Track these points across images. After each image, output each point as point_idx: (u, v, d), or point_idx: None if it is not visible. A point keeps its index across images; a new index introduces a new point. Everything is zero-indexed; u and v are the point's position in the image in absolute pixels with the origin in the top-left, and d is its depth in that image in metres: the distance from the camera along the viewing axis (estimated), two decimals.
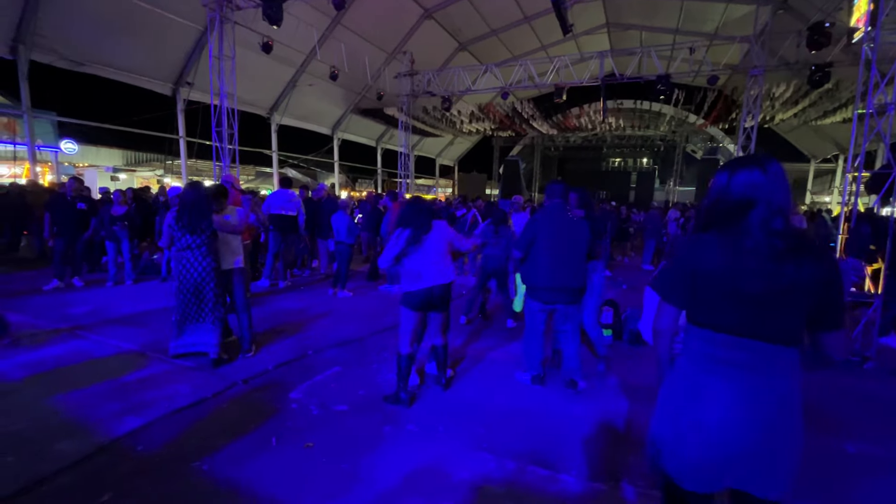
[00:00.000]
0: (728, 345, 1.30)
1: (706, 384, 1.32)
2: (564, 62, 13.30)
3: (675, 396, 1.39)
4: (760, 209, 1.28)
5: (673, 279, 1.44)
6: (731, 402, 1.28)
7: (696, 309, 1.38)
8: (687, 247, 1.43)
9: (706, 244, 1.35)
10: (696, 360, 1.37)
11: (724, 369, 1.31)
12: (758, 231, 1.27)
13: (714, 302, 1.32)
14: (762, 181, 1.30)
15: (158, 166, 21.39)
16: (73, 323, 4.74)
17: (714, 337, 1.33)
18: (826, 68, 10.07)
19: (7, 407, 2.98)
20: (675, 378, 1.41)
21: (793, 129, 18.71)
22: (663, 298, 1.45)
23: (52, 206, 6.26)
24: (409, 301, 3.17)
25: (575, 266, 3.32)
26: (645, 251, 10.01)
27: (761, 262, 1.26)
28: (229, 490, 2.22)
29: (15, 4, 9.15)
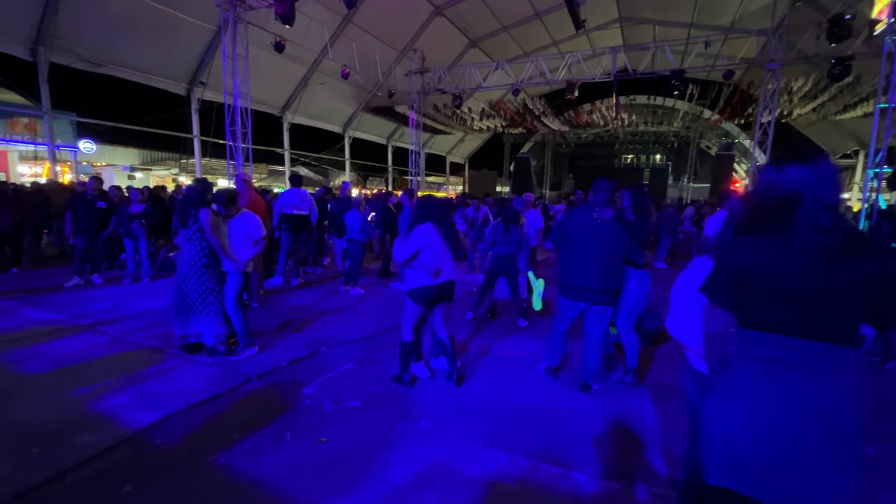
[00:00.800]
0: (781, 345, 1.27)
1: (761, 386, 1.29)
2: (576, 58, 13.19)
3: (730, 399, 1.35)
4: (809, 205, 1.25)
5: (720, 281, 1.40)
6: (786, 403, 1.25)
7: (746, 310, 1.34)
8: (732, 247, 1.39)
9: (752, 243, 1.32)
10: (750, 363, 1.33)
11: (778, 371, 1.28)
12: (806, 228, 1.24)
13: (764, 302, 1.29)
14: (810, 177, 1.27)
15: (173, 165, 21.76)
16: (93, 319, 4.85)
17: (766, 338, 1.30)
18: (846, 61, 9.83)
19: (32, 400, 3.07)
20: (729, 381, 1.37)
21: (811, 124, 18.29)
22: (712, 301, 1.42)
23: (73, 205, 6.41)
24: (419, 296, 3.24)
25: (604, 267, 3.15)
26: (659, 249, 9.88)
27: (811, 259, 1.23)
28: (246, 483, 2.26)
29: (35, 8, 9.38)
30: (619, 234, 3.15)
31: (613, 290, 3.26)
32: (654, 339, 4.53)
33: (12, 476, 2.26)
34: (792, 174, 1.29)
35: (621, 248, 3.17)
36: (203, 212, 3.76)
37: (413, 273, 3.26)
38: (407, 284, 3.31)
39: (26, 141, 14.03)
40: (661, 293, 2.72)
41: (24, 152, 14.81)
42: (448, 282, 3.32)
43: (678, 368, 3.92)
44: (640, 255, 3.24)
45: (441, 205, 3.33)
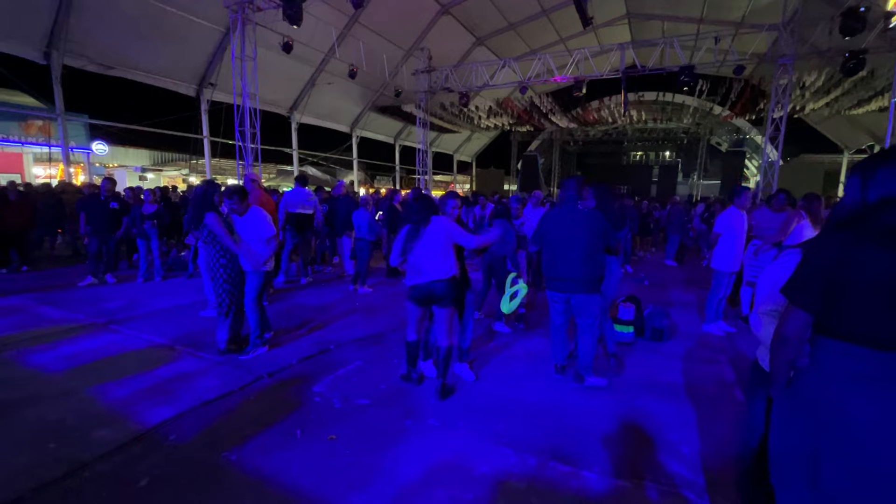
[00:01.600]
0: (877, 360, 1.13)
1: (851, 405, 1.14)
2: (584, 55, 13.11)
3: (808, 418, 1.21)
4: None
5: (807, 281, 1.24)
6: (886, 422, 1.10)
7: (836, 317, 1.19)
8: (828, 245, 1.23)
9: (855, 243, 1.17)
10: (834, 378, 1.19)
11: (870, 387, 1.13)
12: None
13: (863, 310, 1.14)
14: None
15: (184, 166, 21.97)
16: (107, 318, 4.94)
17: (856, 351, 1.15)
18: (861, 55, 9.67)
19: (49, 396, 3.14)
20: (805, 398, 1.23)
21: (824, 119, 18.00)
22: (793, 302, 1.26)
23: (87, 206, 6.53)
24: (411, 295, 3.30)
25: (576, 256, 3.31)
26: (668, 246, 9.81)
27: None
28: (257, 479, 2.30)
29: (48, 12, 9.53)
30: (597, 223, 3.32)
31: (594, 277, 3.35)
32: (663, 337, 4.52)
33: (31, 470, 2.32)
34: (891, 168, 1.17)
35: (599, 236, 3.32)
36: (209, 216, 3.80)
37: (407, 273, 3.34)
38: (405, 283, 3.39)
39: (40, 143, 14.27)
40: (671, 291, 2.71)
41: (39, 154, 15.07)
42: (438, 281, 3.17)
43: (686, 367, 3.92)
44: (615, 239, 3.43)
45: (419, 205, 3.27)
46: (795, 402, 1.26)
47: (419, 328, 3.42)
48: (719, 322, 4.85)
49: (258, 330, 3.97)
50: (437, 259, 3.19)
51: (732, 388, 3.54)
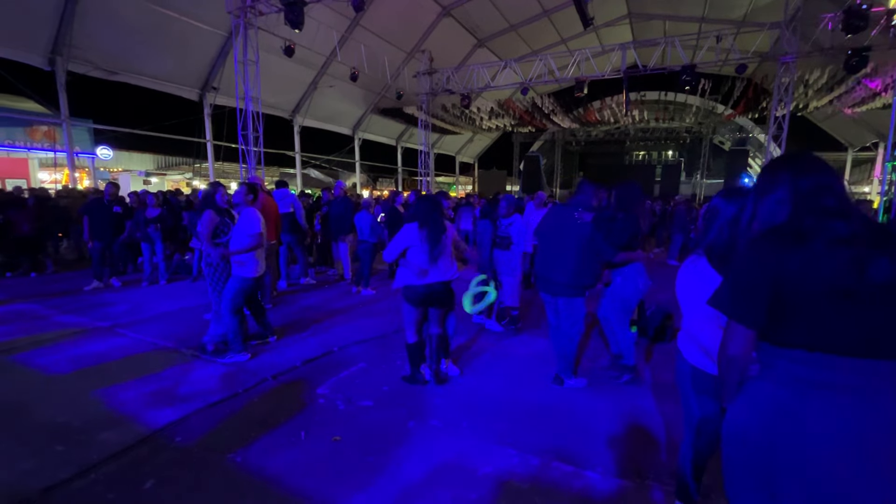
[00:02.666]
0: (830, 366, 1.08)
1: (807, 413, 1.10)
2: (585, 55, 13.11)
3: (763, 427, 1.17)
4: (834, 194, 1.15)
5: (746, 293, 1.17)
6: (844, 433, 1.06)
7: (783, 327, 1.14)
8: (760, 248, 1.17)
9: (788, 239, 1.12)
10: (786, 384, 1.14)
11: (827, 394, 1.09)
12: (847, 218, 1.10)
13: (812, 318, 1.09)
14: (831, 170, 1.20)
15: (187, 170, 22.12)
16: (112, 321, 4.98)
17: (809, 357, 1.10)
18: (863, 52, 9.62)
19: (56, 399, 3.17)
20: (759, 406, 1.19)
21: (828, 116, 17.93)
22: (732, 318, 1.20)
23: (90, 211, 6.58)
24: (408, 295, 3.28)
25: (563, 261, 3.29)
26: (671, 246, 9.78)
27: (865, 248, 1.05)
28: (262, 480, 2.31)
29: (52, 19, 9.63)
30: (591, 237, 3.23)
31: (581, 285, 3.32)
32: (664, 337, 4.51)
33: (39, 472, 2.34)
34: (811, 163, 1.21)
35: (592, 249, 3.25)
36: (206, 213, 3.89)
37: (402, 272, 3.30)
38: (397, 282, 3.35)
39: (46, 148, 14.40)
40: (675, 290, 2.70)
41: (44, 159, 15.20)
42: (437, 283, 3.20)
43: None
44: (611, 254, 3.27)
45: (428, 204, 3.25)
46: (749, 411, 1.21)
47: (419, 329, 3.43)
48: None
49: (235, 335, 3.88)
50: (443, 262, 3.25)
51: None
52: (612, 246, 3.24)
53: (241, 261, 3.86)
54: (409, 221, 3.29)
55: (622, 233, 3.24)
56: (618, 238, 3.24)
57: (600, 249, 3.23)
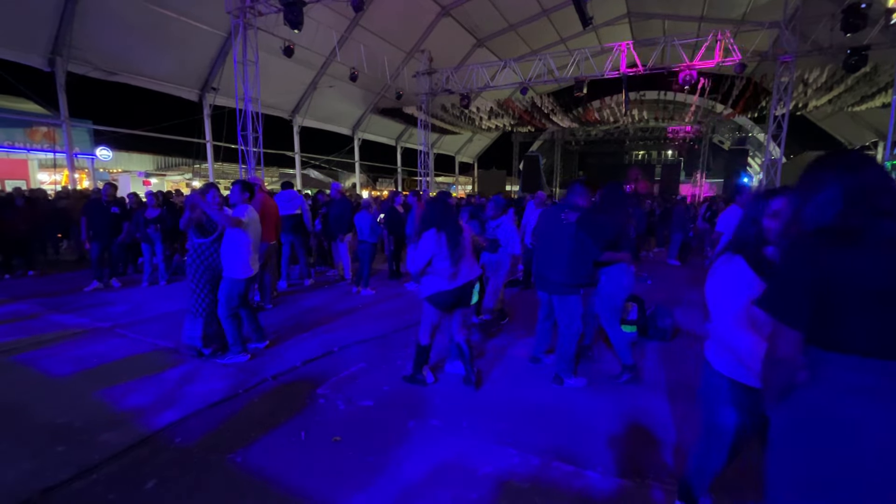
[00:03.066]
0: (885, 372, 1.06)
1: (861, 420, 1.08)
2: (584, 55, 13.11)
3: (817, 438, 1.14)
4: (888, 194, 1.11)
5: (793, 295, 1.14)
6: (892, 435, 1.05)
7: (833, 330, 1.11)
8: (810, 248, 1.14)
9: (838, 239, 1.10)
10: (840, 392, 1.11)
11: (884, 403, 1.07)
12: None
13: (862, 318, 1.07)
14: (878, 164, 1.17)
15: (187, 170, 22.11)
16: (113, 322, 4.98)
17: (863, 364, 1.07)
18: (863, 51, 9.63)
19: (57, 400, 3.17)
20: (811, 415, 1.16)
21: (828, 115, 17.94)
22: (781, 320, 1.16)
23: (88, 211, 6.58)
24: (438, 300, 3.26)
25: (555, 259, 3.39)
26: (671, 246, 9.79)
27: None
28: (262, 480, 2.31)
29: (51, 19, 9.63)
30: (577, 237, 3.29)
31: (573, 283, 3.38)
32: (667, 337, 4.51)
33: (40, 472, 2.34)
34: (870, 163, 1.15)
35: (579, 248, 3.32)
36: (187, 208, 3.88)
37: (430, 279, 3.27)
38: (425, 290, 3.30)
39: (45, 149, 14.40)
40: (676, 290, 2.71)
41: (44, 160, 15.20)
42: (466, 284, 3.29)
43: (690, 366, 3.91)
44: (596, 253, 3.31)
45: (440, 206, 3.28)
46: (798, 420, 1.18)
47: (434, 333, 3.41)
48: None
49: (231, 338, 3.87)
50: (468, 260, 3.33)
51: None
52: (596, 245, 3.29)
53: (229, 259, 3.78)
54: (425, 227, 3.24)
55: (603, 232, 3.30)
56: (599, 237, 3.29)
57: (586, 248, 3.30)
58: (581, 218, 3.31)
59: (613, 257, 3.38)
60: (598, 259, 3.33)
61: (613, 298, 3.51)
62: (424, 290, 3.30)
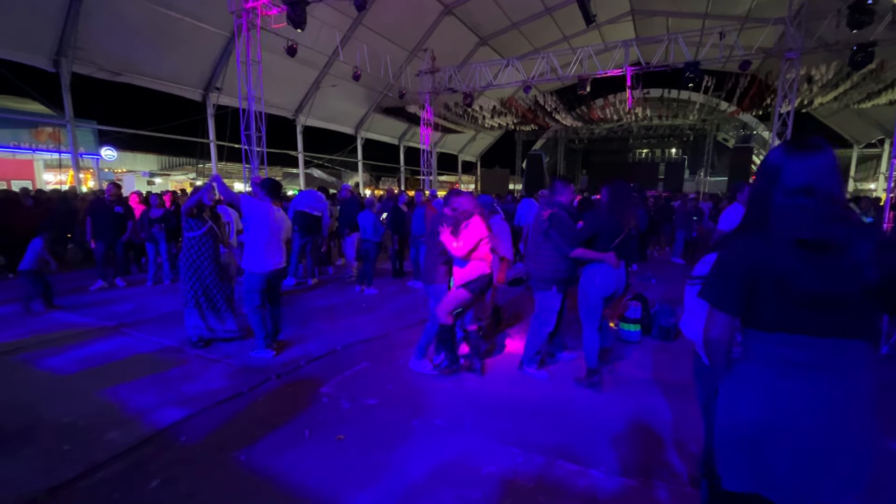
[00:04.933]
0: (804, 346, 1.21)
1: (784, 388, 1.23)
2: (588, 52, 13.04)
3: (747, 403, 1.29)
4: (818, 198, 1.19)
5: (725, 284, 1.31)
6: (816, 405, 1.20)
7: (761, 313, 1.26)
8: (740, 247, 1.30)
9: (762, 242, 1.24)
10: (769, 364, 1.27)
11: (803, 372, 1.22)
12: (817, 222, 1.18)
13: (782, 303, 1.21)
14: (821, 166, 1.21)
15: (191, 170, 22.19)
16: (118, 321, 5.00)
17: (787, 339, 1.23)
18: (869, 48, 9.53)
19: (63, 399, 3.19)
20: (743, 384, 1.31)
21: (833, 113, 17.78)
22: (714, 306, 1.33)
23: (93, 211, 6.62)
24: (475, 286, 3.42)
25: (534, 255, 3.55)
26: (675, 244, 9.75)
27: (828, 256, 1.16)
28: (267, 479, 2.32)
29: (56, 21, 9.67)
30: (547, 232, 3.42)
31: (546, 278, 3.47)
32: (670, 336, 4.49)
33: (47, 471, 2.36)
34: (801, 164, 1.23)
35: (549, 244, 3.41)
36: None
37: (472, 264, 3.39)
38: (464, 277, 3.40)
39: (51, 150, 14.49)
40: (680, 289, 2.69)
41: (49, 161, 15.30)
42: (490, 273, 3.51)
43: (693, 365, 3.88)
44: (566, 248, 3.35)
45: (483, 199, 3.60)
46: (736, 389, 1.33)
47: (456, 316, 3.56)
48: None
49: (256, 332, 3.98)
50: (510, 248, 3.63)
51: None
52: (564, 241, 3.34)
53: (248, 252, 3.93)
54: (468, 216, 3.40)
55: (570, 228, 3.36)
56: (566, 234, 3.34)
57: (557, 244, 3.37)
58: (552, 214, 3.41)
59: (586, 255, 3.29)
60: (567, 255, 3.35)
61: (587, 297, 3.39)
62: (465, 277, 3.39)
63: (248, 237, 3.91)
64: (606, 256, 3.27)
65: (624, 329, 4.43)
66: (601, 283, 3.33)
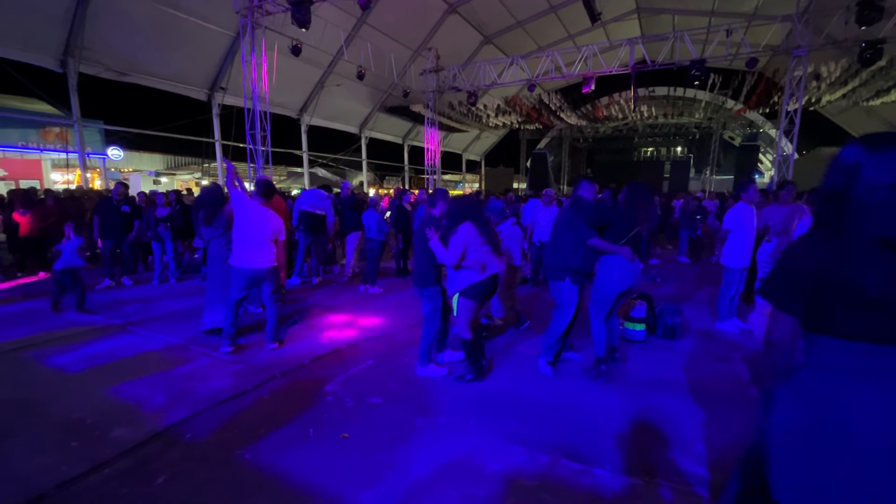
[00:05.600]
0: (872, 354, 1.16)
1: (850, 397, 1.18)
2: (593, 51, 13.00)
3: (810, 410, 1.23)
4: (887, 195, 1.11)
5: (790, 284, 1.26)
6: (882, 415, 1.14)
7: (826, 317, 1.20)
8: (809, 245, 1.26)
9: (836, 241, 1.19)
10: (831, 372, 1.21)
11: (870, 381, 1.16)
12: (888, 223, 1.11)
13: (852, 307, 1.16)
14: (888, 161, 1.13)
15: (196, 169, 22.33)
16: (124, 319, 5.04)
17: (851, 347, 1.17)
18: (878, 44, 9.43)
19: (71, 396, 3.22)
20: (803, 391, 1.25)
21: (842, 111, 17.61)
22: (777, 307, 1.29)
23: (100, 210, 6.67)
24: (474, 292, 3.32)
25: (552, 246, 3.61)
26: (680, 243, 9.70)
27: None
28: (271, 476, 2.33)
29: (63, 22, 9.76)
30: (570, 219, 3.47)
31: (560, 266, 3.51)
32: (675, 335, 4.47)
33: (55, 467, 2.38)
34: (882, 158, 1.15)
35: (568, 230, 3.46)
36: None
37: (462, 273, 3.32)
38: (458, 285, 3.33)
39: (58, 149, 14.62)
40: (684, 288, 2.69)
41: (57, 160, 15.44)
42: (494, 275, 3.40)
43: (699, 364, 3.88)
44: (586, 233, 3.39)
45: (476, 203, 3.47)
46: (794, 396, 1.28)
47: (474, 326, 3.46)
48: (733, 319, 4.78)
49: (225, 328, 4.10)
50: (493, 254, 3.42)
51: (747, 385, 3.49)
52: (585, 223, 3.37)
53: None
54: (458, 223, 3.31)
55: (592, 211, 3.40)
56: (588, 215, 3.38)
57: (576, 228, 3.40)
58: (576, 197, 3.51)
59: (602, 245, 3.36)
60: (585, 241, 3.37)
61: (600, 289, 3.50)
62: (459, 285, 3.33)
63: (233, 232, 4.00)
64: (622, 250, 3.33)
65: (629, 328, 4.41)
66: (618, 279, 3.41)
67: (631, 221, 3.39)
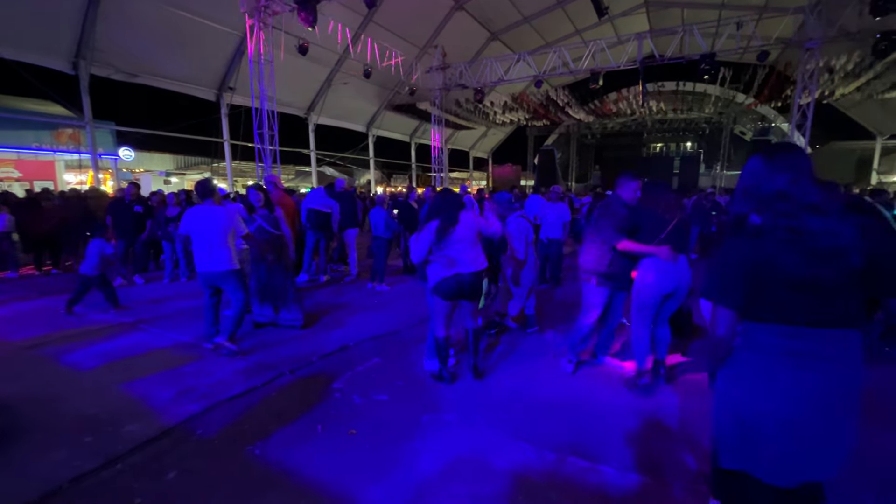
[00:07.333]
0: (797, 335, 1.32)
1: (782, 377, 1.33)
2: (600, 46, 12.88)
3: (741, 389, 1.40)
4: (799, 188, 1.32)
5: (727, 282, 1.41)
6: (807, 392, 1.30)
7: (757, 304, 1.35)
8: (737, 243, 1.40)
9: (757, 236, 1.34)
10: (766, 353, 1.37)
11: (798, 360, 1.32)
12: (803, 212, 1.30)
13: (779, 295, 1.31)
14: (798, 161, 1.37)
15: (206, 169, 22.53)
16: (135, 317, 5.12)
17: (783, 330, 1.33)
18: (893, 36, 9.23)
19: (84, 392, 3.28)
20: (742, 372, 1.42)
21: (855, 104, 17.27)
22: (717, 303, 1.43)
23: (113, 211, 6.77)
24: (440, 289, 3.21)
25: (588, 245, 3.47)
26: (689, 239, 9.59)
27: (817, 242, 1.27)
28: (280, 472, 2.36)
29: (74, 24, 9.89)
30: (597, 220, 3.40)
31: (584, 268, 3.45)
32: (686, 333, 4.42)
33: (69, 462, 2.43)
34: (783, 161, 1.37)
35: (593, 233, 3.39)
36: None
37: (432, 268, 3.27)
38: (430, 280, 3.29)
39: (71, 150, 14.85)
40: (694, 284, 2.66)
41: (69, 161, 15.68)
42: (469, 273, 3.18)
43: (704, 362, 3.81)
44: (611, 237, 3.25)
45: (450, 201, 3.24)
46: (733, 376, 1.45)
47: (447, 323, 3.35)
48: None
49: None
50: (471, 252, 3.22)
51: None
52: (609, 226, 3.24)
53: None
54: (428, 219, 3.25)
55: (617, 216, 3.25)
56: (613, 221, 3.24)
57: (605, 234, 3.29)
58: (604, 201, 3.44)
59: (633, 248, 3.16)
60: (613, 246, 3.24)
61: (639, 294, 3.26)
62: (430, 281, 3.30)
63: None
64: (659, 250, 3.07)
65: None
66: (655, 281, 3.16)
67: (660, 219, 3.17)
